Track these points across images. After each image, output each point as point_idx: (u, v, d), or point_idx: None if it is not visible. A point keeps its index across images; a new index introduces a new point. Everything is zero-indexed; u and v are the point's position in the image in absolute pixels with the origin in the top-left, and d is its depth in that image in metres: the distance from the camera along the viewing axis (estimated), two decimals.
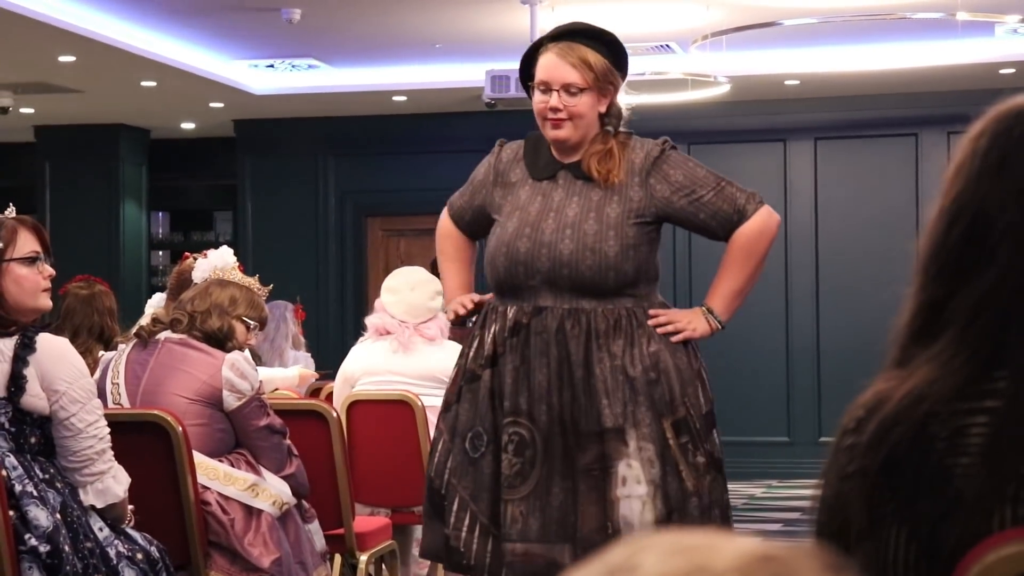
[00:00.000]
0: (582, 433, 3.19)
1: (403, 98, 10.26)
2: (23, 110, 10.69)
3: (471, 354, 3.35)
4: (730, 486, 3.46)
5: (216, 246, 4.68)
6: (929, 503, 1.32)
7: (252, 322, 4.24)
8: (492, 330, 3.32)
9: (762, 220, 3.40)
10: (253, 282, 4.37)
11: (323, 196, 11.39)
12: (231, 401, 3.97)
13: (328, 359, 8.67)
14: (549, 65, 3.33)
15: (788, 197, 10.52)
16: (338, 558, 4.75)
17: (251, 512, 3.90)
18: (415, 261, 7.42)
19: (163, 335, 4.09)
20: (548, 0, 7.74)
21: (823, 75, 9.53)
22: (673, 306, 3.48)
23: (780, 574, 0.62)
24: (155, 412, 3.83)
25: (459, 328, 3.79)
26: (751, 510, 8.90)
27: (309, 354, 7.16)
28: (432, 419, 4.17)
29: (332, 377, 6.01)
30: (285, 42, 8.97)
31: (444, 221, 3.60)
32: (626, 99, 3.53)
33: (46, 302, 3.35)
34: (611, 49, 3.37)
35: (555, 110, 3.30)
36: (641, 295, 3.33)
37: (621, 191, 3.31)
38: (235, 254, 4.72)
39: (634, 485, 3.16)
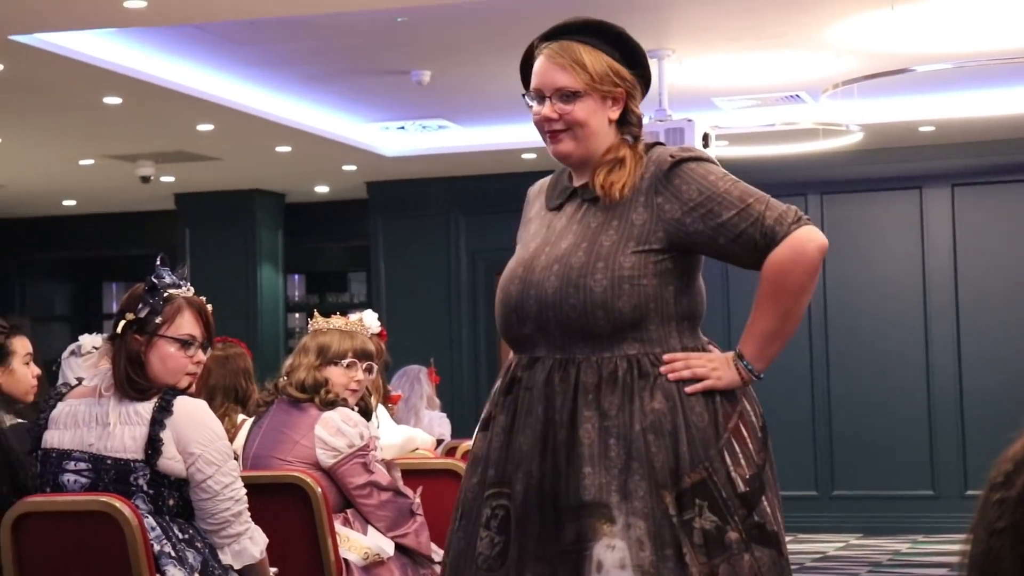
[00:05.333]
0: (562, 508, 2.64)
1: (532, 155, 10.31)
2: (164, 178, 10.96)
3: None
4: (874, 541, 3.02)
5: (351, 307, 4.66)
6: None
7: (348, 360, 4.20)
8: (495, 390, 2.85)
9: (796, 245, 2.71)
10: (350, 322, 4.32)
11: (454, 255, 11.47)
12: (325, 459, 4.01)
13: (463, 419, 8.69)
14: (539, 70, 2.82)
15: (925, 244, 10.34)
16: None
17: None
18: None
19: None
20: (676, 54, 7.74)
21: (958, 120, 9.39)
22: (717, 350, 2.82)
23: None
24: (294, 474, 3.89)
25: None
26: (896, 566, 8.70)
27: (444, 415, 7.20)
28: None
29: (468, 435, 6.02)
30: (415, 104, 9.10)
31: None
32: (758, 150, 3.23)
33: (185, 384, 3.39)
34: (617, 45, 2.83)
35: (549, 120, 2.80)
36: (651, 339, 2.71)
37: (623, 213, 2.75)
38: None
39: (615, 571, 2.58)
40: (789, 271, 2.71)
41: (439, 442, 6.29)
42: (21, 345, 4.38)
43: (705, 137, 7.79)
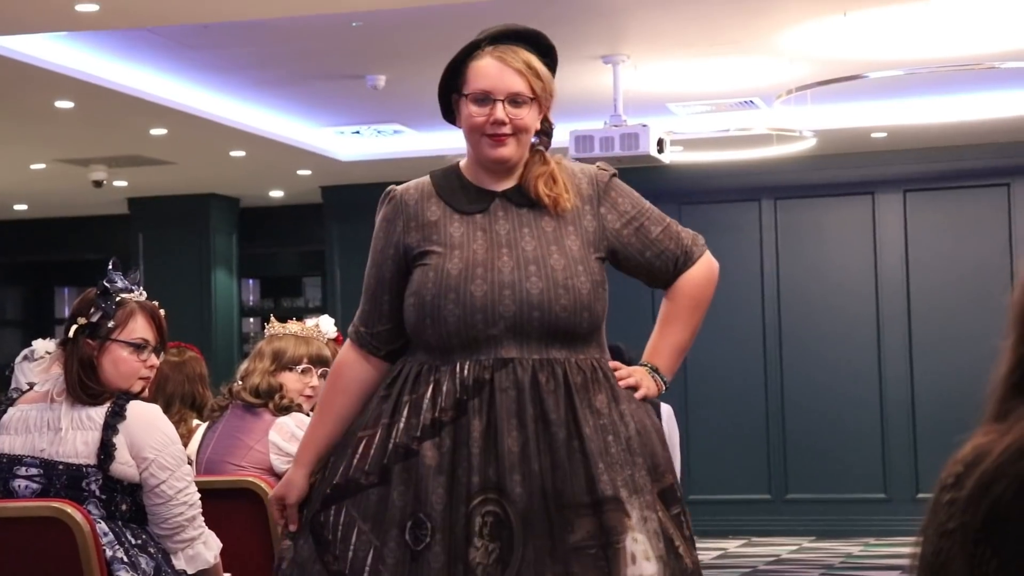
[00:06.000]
0: (568, 505, 2.61)
1: None
2: (117, 183, 10.90)
3: (401, 425, 2.70)
4: (827, 544, 3.12)
5: (306, 312, 4.67)
6: None
7: (302, 366, 4.20)
8: (431, 393, 2.71)
9: (708, 266, 2.88)
10: (305, 327, 4.32)
11: None
12: (279, 464, 4.01)
13: None
14: (492, 72, 2.78)
15: (877, 250, 10.42)
16: None
17: None
18: None
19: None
20: (631, 59, 7.76)
21: (910, 127, 9.46)
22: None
23: None
24: (248, 479, 3.87)
25: None
26: (849, 568, 8.75)
27: None
28: None
29: None
30: (370, 108, 9.08)
31: (344, 351, 2.91)
32: (712, 156, 3.26)
33: (138, 389, 3.37)
34: (549, 56, 2.85)
35: (498, 123, 2.75)
36: (601, 344, 2.80)
37: (575, 220, 2.77)
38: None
39: (644, 563, 2.60)
40: (706, 288, 2.87)
41: None
42: None
43: (660, 142, 7.82)
